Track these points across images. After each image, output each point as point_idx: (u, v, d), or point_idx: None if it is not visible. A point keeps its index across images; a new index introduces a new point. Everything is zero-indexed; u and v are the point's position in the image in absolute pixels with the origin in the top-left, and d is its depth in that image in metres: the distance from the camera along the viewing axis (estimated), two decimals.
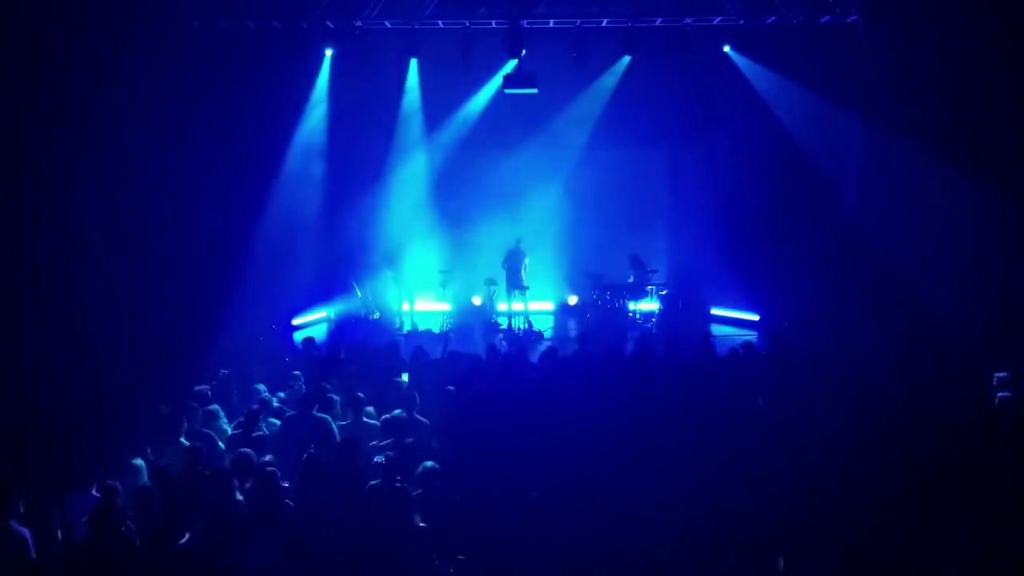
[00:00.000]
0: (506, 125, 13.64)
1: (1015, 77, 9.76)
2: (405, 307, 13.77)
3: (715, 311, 13.94)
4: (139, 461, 6.15)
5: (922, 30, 10.53)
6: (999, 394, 7.12)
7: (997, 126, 10.01)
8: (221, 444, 6.74)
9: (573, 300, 14.50)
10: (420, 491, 5.51)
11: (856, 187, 12.31)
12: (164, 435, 6.63)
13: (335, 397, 7.27)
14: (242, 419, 7.05)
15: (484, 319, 13.59)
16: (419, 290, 14.02)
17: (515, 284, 13.24)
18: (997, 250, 10.19)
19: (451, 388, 7.44)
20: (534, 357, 9.54)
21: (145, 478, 5.98)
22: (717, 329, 12.95)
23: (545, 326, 13.61)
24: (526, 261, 13.29)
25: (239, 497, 5.49)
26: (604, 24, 12.22)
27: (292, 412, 7.12)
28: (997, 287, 10.06)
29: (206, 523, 5.07)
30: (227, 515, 5.21)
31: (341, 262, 13.76)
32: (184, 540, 4.98)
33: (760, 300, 13.33)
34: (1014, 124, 9.89)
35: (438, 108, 13.73)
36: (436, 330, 13.14)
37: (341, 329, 13.19)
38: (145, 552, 4.93)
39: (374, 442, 6.51)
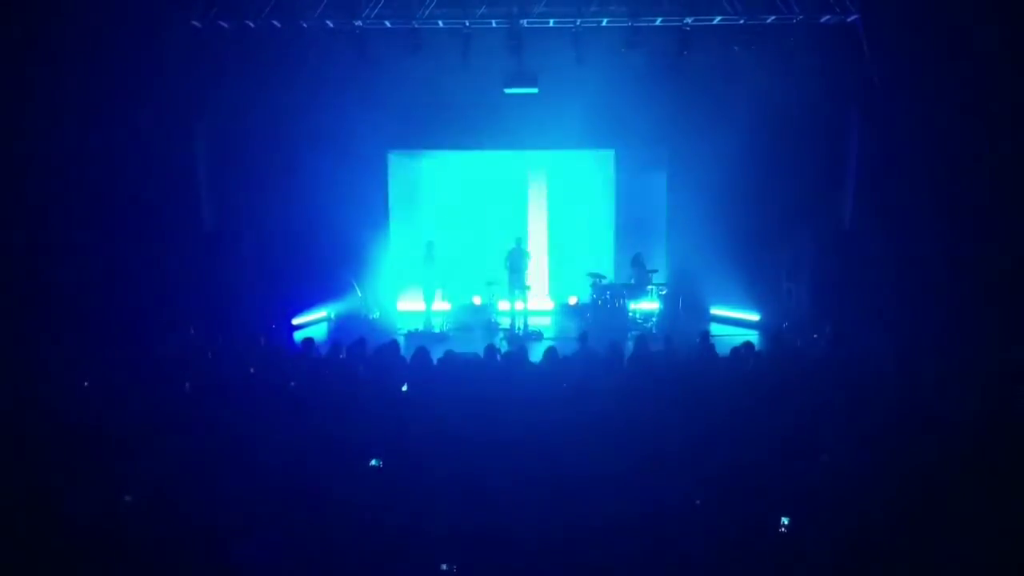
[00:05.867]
0: (506, 125, 13.62)
1: (1015, 77, 9.77)
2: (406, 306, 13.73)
3: (715, 311, 13.94)
4: None
5: (922, 30, 10.53)
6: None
7: (996, 125, 10.02)
8: None
9: (573, 300, 14.49)
10: None
11: (854, 186, 12.31)
12: None
13: None
14: None
15: (484, 319, 13.59)
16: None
17: (517, 284, 13.23)
18: (996, 247, 10.19)
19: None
20: (534, 357, 9.52)
21: None
22: (717, 329, 12.93)
23: (545, 326, 13.59)
24: (528, 260, 13.28)
25: None
26: (604, 24, 12.22)
27: None
28: (997, 284, 10.05)
29: None
30: None
31: (341, 262, 13.74)
32: None
33: (760, 300, 13.33)
34: (1013, 124, 9.89)
35: (438, 107, 13.70)
36: (436, 330, 13.14)
37: (341, 329, 13.18)
38: None
39: None
